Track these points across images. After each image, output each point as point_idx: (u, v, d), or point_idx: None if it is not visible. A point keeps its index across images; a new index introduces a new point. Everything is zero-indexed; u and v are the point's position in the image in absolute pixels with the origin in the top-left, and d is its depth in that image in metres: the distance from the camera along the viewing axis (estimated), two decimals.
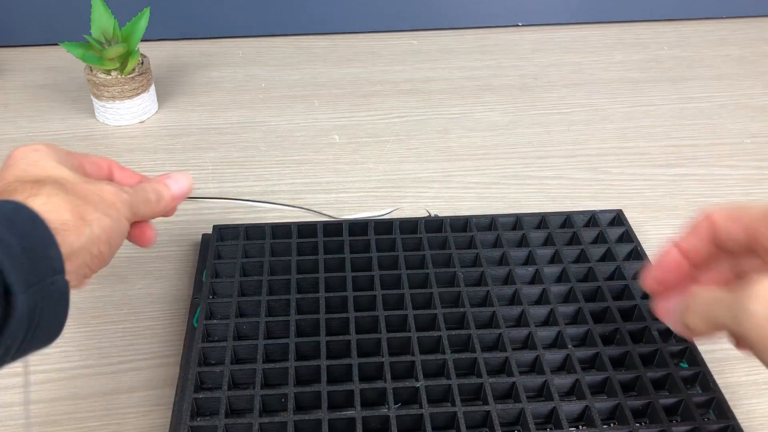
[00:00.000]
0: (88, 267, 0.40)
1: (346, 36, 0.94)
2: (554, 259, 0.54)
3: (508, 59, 0.88)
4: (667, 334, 0.48)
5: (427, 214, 0.58)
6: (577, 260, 0.54)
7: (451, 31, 0.95)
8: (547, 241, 0.56)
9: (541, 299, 0.51)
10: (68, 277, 0.37)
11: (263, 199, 0.62)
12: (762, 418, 0.45)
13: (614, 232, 0.56)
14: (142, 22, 0.72)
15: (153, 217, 0.47)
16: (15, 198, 0.38)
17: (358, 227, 0.56)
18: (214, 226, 0.55)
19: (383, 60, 0.88)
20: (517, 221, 0.57)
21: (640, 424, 0.43)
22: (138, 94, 0.74)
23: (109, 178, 0.46)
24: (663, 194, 0.65)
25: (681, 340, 0.47)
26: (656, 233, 0.60)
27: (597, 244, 0.55)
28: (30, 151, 0.42)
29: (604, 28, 0.96)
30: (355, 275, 0.52)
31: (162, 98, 0.79)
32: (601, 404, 0.43)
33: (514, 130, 0.74)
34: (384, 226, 0.56)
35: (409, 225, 0.57)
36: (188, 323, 0.50)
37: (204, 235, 0.57)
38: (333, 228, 0.56)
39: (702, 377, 0.45)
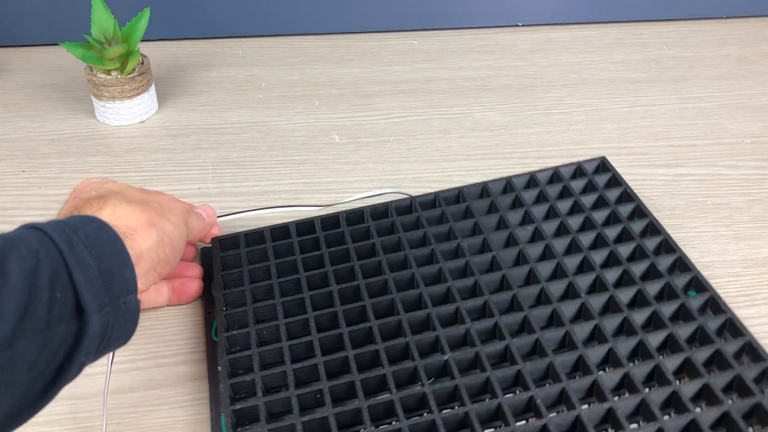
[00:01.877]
0: (155, 270, 0.43)
1: (346, 36, 0.93)
2: (549, 215, 0.57)
3: (507, 59, 0.88)
4: (672, 267, 0.51)
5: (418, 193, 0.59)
6: (571, 212, 0.57)
7: (451, 31, 0.95)
8: (539, 198, 0.58)
9: (545, 255, 0.53)
10: (138, 282, 0.40)
11: (250, 208, 0.62)
12: None
13: (602, 179, 0.59)
14: (142, 22, 0.72)
15: (199, 234, 0.52)
16: (85, 212, 0.41)
17: (355, 216, 0.57)
18: (213, 239, 0.55)
19: (383, 60, 0.88)
20: (507, 184, 0.59)
21: (679, 380, 0.44)
22: (138, 94, 0.74)
23: None
24: (663, 194, 0.65)
25: (684, 269, 0.51)
26: None
27: (587, 193, 0.58)
28: (92, 181, 0.48)
29: (604, 28, 0.96)
30: (361, 263, 0.52)
31: (162, 98, 0.79)
32: (639, 368, 0.45)
33: (514, 130, 0.74)
34: (380, 211, 0.57)
35: (404, 206, 0.58)
36: (207, 338, 0.50)
37: (203, 249, 0.57)
38: (330, 221, 0.57)
39: (712, 301, 0.49)
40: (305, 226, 0.56)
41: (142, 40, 0.72)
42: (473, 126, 0.75)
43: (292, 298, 0.50)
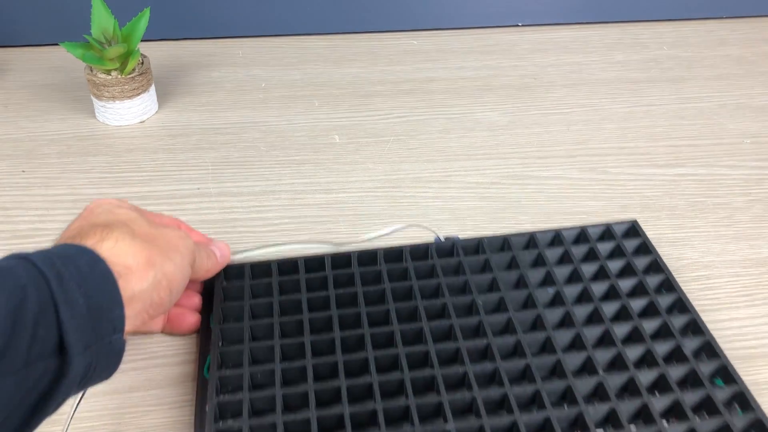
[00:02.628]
0: (146, 312, 0.41)
1: (346, 36, 0.93)
2: (573, 278, 0.53)
3: (507, 59, 0.88)
4: (698, 351, 0.47)
5: (434, 236, 0.56)
6: (596, 277, 0.53)
7: (451, 31, 0.95)
8: (563, 259, 0.54)
9: (565, 322, 0.49)
10: (126, 322, 0.38)
11: (274, 243, 0.56)
12: None
13: (631, 244, 0.55)
14: (142, 22, 0.72)
15: (207, 274, 0.49)
16: (86, 242, 0.40)
17: (367, 256, 0.54)
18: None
19: (383, 60, 0.88)
20: (530, 239, 0.55)
21: None
22: (138, 94, 0.74)
23: None
24: (663, 194, 0.65)
25: (713, 355, 0.46)
26: (656, 233, 0.60)
27: (614, 258, 0.54)
28: (104, 203, 0.46)
29: (604, 28, 0.96)
30: (369, 310, 0.49)
31: (162, 98, 0.79)
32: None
33: (514, 130, 0.74)
34: (394, 253, 0.54)
35: (420, 251, 0.54)
36: (198, 373, 0.47)
37: None
38: (341, 260, 0.53)
39: (741, 396, 0.44)
40: (314, 263, 0.53)
41: (142, 40, 0.72)
42: (473, 126, 0.75)
43: (292, 341, 0.47)
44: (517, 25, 0.96)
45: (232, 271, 0.52)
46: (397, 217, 0.62)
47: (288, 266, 0.53)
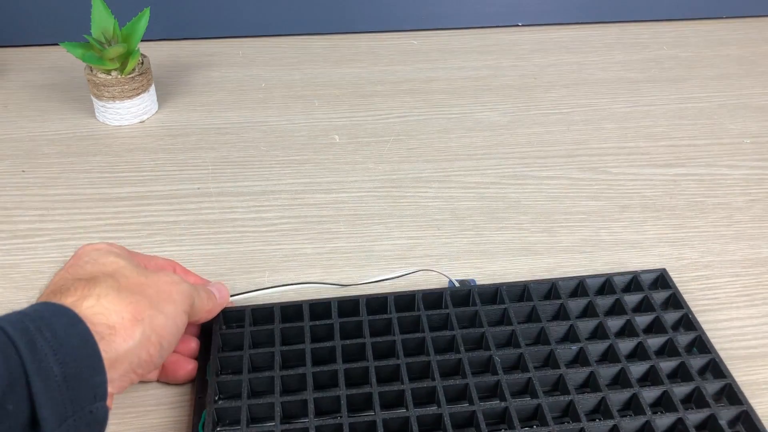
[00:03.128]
0: (133, 372, 0.38)
1: (346, 36, 0.93)
2: (597, 333, 0.49)
3: (507, 59, 0.88)
4: (734, 420, 0.44)
5: (448, 281, 0.53)
6: (622, 332, 0.49)
7: (451, 31, 0.95)
8: (587, 312, 0.51)
9: (588, 382, 0.46)
10: (110, 386, 0.36)
11: (271, 285, 0.54)
12: None
13: (660, 296, 0.51)
14: (142, 22, 0.72)
15: (208, 315, 0.46)
16: (66, 300, 0.36)
17: (377, 303, 0.50)
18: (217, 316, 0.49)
19: (383, 60, 0.88)
20: (552, 288, 0.52)
21: None
22: (138, 94, 0.74)
23: None
24: (663, 194, 0.65)
25: (752, 428, 0.43)
26: (656, 233, 0.60)
27: (642, 312, 0.50)
28: (92, 249, 0.42)
29: (604, 28, 0.96)
30: (377, 364, 0.46)
31: (162, 98, 0.79)
32: None
33: (514, 130, 0.74)
34: (405, 300, 0.50)
35: (433, 297, 0.51)
36: (193, 428, 0.44)
37: None
38: (348, 305, 0.50)
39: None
40: (320, 308, 0.50)
41: (142, 40, 0.72)
42: (473, 126, 0.75)
43: (293, 398, 0.44)
44: (517, 25, 0.96)
45: (232, 315, 0.49)
46: (397, 217, 0.62)
47: (292, 311, 0.49)
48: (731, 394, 0.45)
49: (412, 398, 0.44)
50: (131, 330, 0.37)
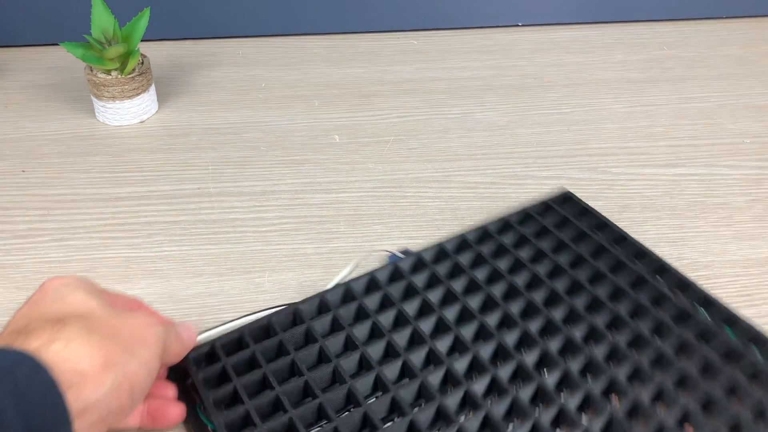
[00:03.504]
0: (103, 423, 0.35)
1: (346, 36, 0.94)
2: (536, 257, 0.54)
3: (508, 59, 0.88)
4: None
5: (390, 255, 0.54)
6: (556, 250, 0.54)
7: (451, 31, 0.95)
8: (520, 243, 0.55)
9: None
10: None
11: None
12: None
13: (571, 211, 0.58)
14: (142, 22, 0.72)
15: (177, 358, 0.43)
16: (30, 343, 0.34)
17: (340, 294, 0.50)
18: (187, 357, 0.45)
19: (383, 60, 0.88)
20: (484, 232, 0.55)
21: None
22: (138, 94, 0.74)
23: None
24: (663, 194, 0.65)
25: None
26: (656, 233, 0.60)
27: (563, 228, 0.56)
28: (60, 285, 0.39)
29: (604, 28, 0.96)
30: (364, 348, 0.46)
31: (162, 98, 0.79)
32: None
33: (514, 130, 0.74)
34: (365, 282, 0.51)
35: (393, 272, 0.52)
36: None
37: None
38: (313, 307, 0.49)
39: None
40: (288, 318, 0.49)
41: (142, 40, 0.72)
42: (473, 126, 0.75)
43: (306, 406, 0.43)
44: (517, 25, 0.96)
45: (202, 355, 0.46)
46: (397, 217, 0.62)
47: (260, 331, 0.48)
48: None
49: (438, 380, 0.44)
50: (102, 376, 0.34)
